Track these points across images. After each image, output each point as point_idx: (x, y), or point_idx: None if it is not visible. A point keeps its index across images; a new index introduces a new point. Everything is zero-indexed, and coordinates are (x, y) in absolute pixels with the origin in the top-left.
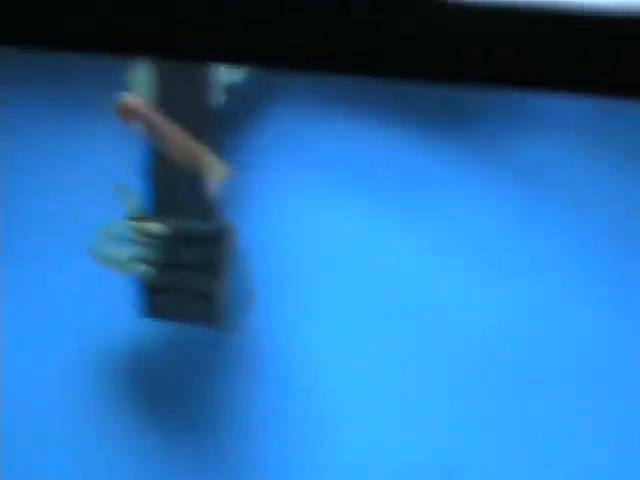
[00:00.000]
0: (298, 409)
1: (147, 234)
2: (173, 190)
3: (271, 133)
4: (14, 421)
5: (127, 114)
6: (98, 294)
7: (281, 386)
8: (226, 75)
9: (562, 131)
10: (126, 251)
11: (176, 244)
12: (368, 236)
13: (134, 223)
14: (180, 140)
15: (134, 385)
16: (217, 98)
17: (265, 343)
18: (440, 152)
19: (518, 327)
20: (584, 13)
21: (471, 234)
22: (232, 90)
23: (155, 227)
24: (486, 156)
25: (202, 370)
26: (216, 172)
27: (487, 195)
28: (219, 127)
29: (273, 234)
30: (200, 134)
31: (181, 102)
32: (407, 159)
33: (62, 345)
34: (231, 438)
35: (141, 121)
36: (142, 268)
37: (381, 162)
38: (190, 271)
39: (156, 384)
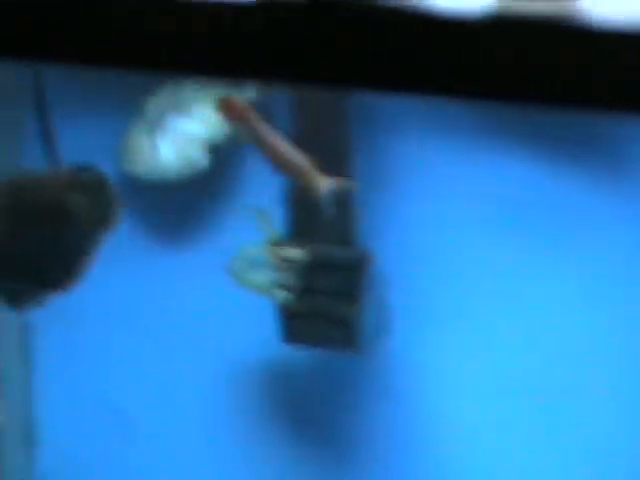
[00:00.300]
0: (434, 432)
1: (286, 259)
2: (312, 215)
3: (408, 159)
4: (157, 448)
5: (230, 113)
6: (238, 318)
7: (418, 409)
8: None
9: None
10: (266, 276)
11: (315, 270)
12: (507, 262)
13: (274, 248)
14: (282, 150)
15: (273, 409)
16: (353, 125)
17: (402, 368)
18: (581, 179)
19: None
20: None
21: (617, 264)
22: (370, 117)
23: (294, 252)
24: (630, 183)
25: (340, 394)
26: (320, 185)
27: (631, 223)
28: (355, 152)
29: (410, 259)
30: (337, 159)
31: (317, 129)
32: (547, 186)
33: (202, 369)
34: (369, 460)
35: (243, 123)
36: (281, 293)
37: (519, 189)
38: (329, 297)
39: (295, 408)
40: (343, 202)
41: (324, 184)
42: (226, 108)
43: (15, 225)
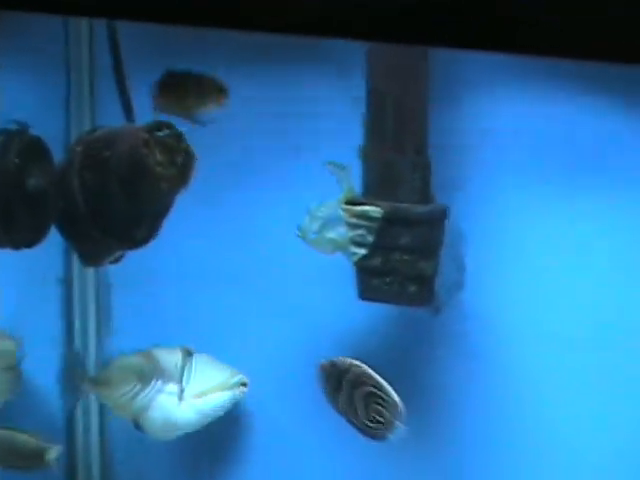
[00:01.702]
0: (506, 388)
1: (362, 216)
2: (387, 172)
3: (479, 115)
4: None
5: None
6: (313, 275)
7: (490, 364)
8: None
9: None
10: (340, 233)
11: (392, 226)
12: (574, 215)
13: (349, 205)
14: None
15: None
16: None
17: (475, 323)
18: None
19: None
20: None
21: None
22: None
23: (371, 209)
24: None
25: (415, 349)
26: None
27: None
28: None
29: (482, 214)
30: (414, 114)
31: (395, 84)
32: (607, 135)
33: (278, 326)
34: (444, 413)
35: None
36: (357, 250)
37: (583, 139)
38: (405, 253)
39: (370, 363)
40: (419, 160)
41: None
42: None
43: (91, 180)
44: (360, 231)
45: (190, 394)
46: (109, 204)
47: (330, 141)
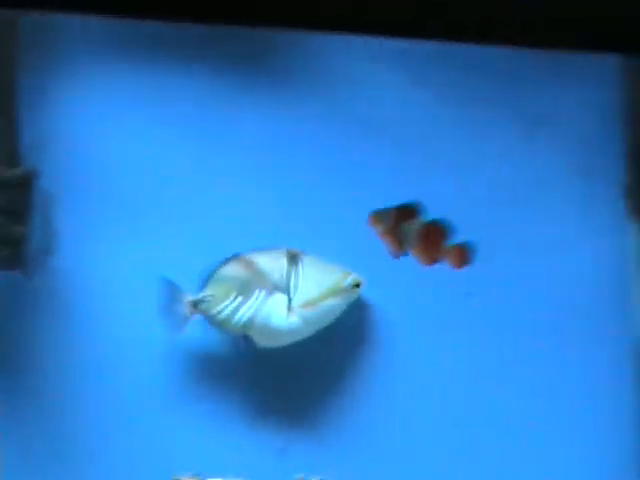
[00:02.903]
0: (108, 346)
1: None
2: None
3: (71, 73)
4: None
5: None
6: None
7: (87, 326)
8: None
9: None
10: None
11: None
12: (185, 179)
13: None
14: None
15: None
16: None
17: (70, 285)
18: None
19: None
20: None
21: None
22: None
23: None
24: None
25: (9, 314)
26: None
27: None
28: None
29: (76, 175)
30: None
31: None
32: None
33: None
34: (42, 381)
35: None
36: None
37: (198, 103)
38: None
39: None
40: (6, 123)
41: None
42: None
43: None
44: None
45: (298, 303)
46: None
47: None
